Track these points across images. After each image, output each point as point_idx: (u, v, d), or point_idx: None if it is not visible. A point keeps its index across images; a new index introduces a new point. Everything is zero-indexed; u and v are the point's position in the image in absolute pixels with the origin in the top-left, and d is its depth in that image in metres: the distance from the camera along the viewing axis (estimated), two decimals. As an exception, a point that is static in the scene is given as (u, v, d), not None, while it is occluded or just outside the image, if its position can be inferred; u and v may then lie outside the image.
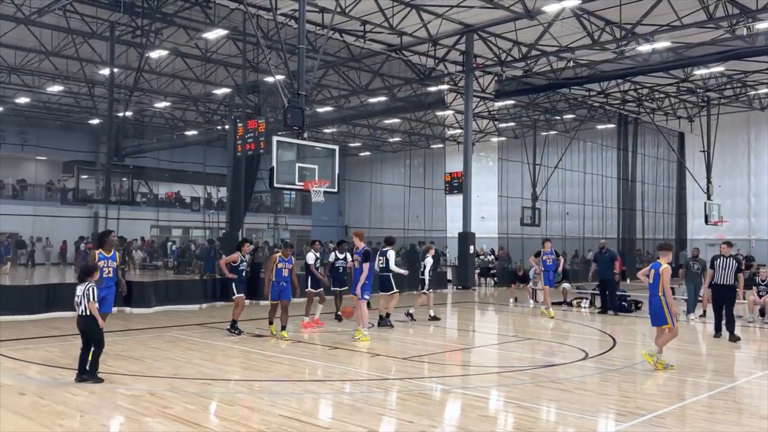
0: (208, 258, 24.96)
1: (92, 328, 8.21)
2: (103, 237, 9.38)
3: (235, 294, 12.30)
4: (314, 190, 13.64)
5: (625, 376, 9.27)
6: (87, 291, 8.16)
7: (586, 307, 18.22)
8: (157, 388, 8.02)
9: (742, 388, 8.76)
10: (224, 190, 30.31)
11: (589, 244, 35.54)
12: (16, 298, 14.45)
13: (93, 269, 8.50)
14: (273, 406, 7.23)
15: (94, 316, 8.17)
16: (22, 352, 10.27)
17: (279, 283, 11.79)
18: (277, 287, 11.81)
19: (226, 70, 27.56)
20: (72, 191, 27.20)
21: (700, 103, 33.07)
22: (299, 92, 13.71)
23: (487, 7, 20.24)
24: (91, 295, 8.16)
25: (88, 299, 8.14)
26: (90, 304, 8.14)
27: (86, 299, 8.14)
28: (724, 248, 12.72)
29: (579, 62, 24.88)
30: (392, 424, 6.76)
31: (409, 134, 40.86)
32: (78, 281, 8.40)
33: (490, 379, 9.11)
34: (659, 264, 9.65)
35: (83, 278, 8.32)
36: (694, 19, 20.09)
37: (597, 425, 6.90)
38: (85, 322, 8.22)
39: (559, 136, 35.62)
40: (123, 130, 23.92)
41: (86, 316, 8.18)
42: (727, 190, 34.33)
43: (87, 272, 8.40)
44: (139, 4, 19.74)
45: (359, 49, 24.92)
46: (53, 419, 6.59)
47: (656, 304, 9.55)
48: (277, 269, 11.77)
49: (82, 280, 8.31)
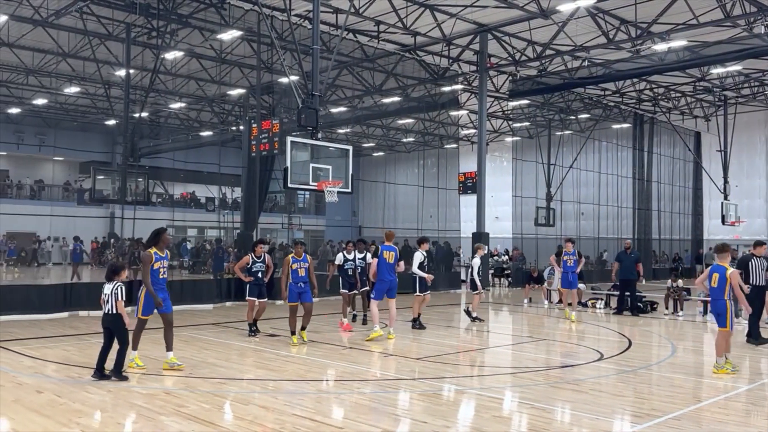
0: (217, 257, 25.15)
1: (118, 327, 8.29)
2: (158, 235, 8.94)
3: (247, 296, 12.24)
4: (328, 190, 13.65)
5: (640, 378, 9.21)
6: (116, 290, 8.24)
7: (601, 308, 18.09)
8: (172, 387, 8.08)
9: (759, 390, 8.66)
10: (239, 191, 30.45)
11: (603, 244, 35.33)
12: (33, 297, 14.62)
13: (121, 268, 8.54)
14: (287, 406, 7.25)
15: (120, 314, 8.22)
16: (40, 351, 10.38)
17: (297, 284, 11.27)
18: (295, 289, 11.28)
19: (241, 70, 27.69)
20: (88, 191, 27.42)
21: (717, 103, 32.74)
22: (313, 93, 13.73)
23: (502, 6, 20.17)
24: (119, 294, 8.22)
25: (117, 298, 8.20)
26: (118, 303, 8.20)
27: (114, 298, 8.21)
28: (760, 249, 12.36)
29: (594, 61, 24.73)
30: (406, 425, 6.76)
31: (423, 134, 40.82)
32: (106, 280, 8.43)
33: (504, 380, 9.08)
34: (723, 267, 9.34)
35: (111, 277, 8.36)
36: (711, 17, 19.91)
37: (612, 427, 6.85)
38: (112, 321, 8.29)
39: (574, 135, 35.41)
40: (139, 130, 24.07)
41: (113, 314, 8.24)
42: (744, 190, 33.98)
43: (115, 271, 8.44)
44: (155, 6, 19.88)
45: (373, 49, 24.94)
46: (70, 417, 6.65)
47: (722, 307, 9.31)
48: (293, 270, 11.29)
49: (110, 279, 8.35)
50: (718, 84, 29.59)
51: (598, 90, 30.37)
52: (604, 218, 34.70)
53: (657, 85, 29.88)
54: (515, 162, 33.65)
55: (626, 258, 16.97)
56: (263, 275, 12.48)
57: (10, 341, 11.11)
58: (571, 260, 15.78)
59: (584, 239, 34.60)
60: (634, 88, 30.15)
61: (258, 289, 12.29)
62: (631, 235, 33.53)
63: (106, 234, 36.40)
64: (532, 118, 36.29)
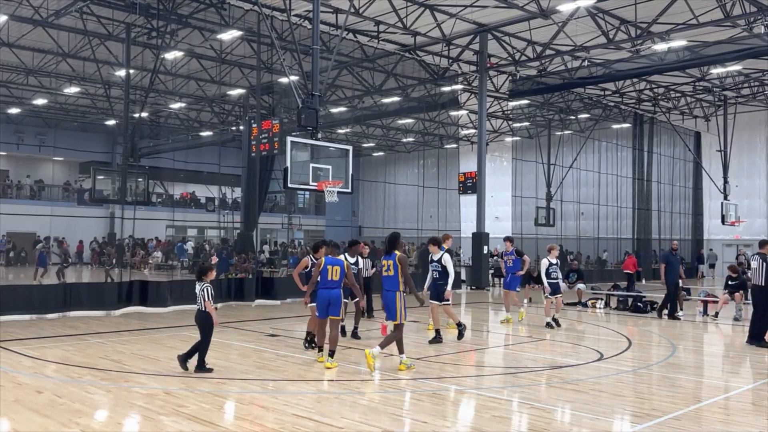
0: (221, 258, 25.12)
1: (203, 325, 8.77)
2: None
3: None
4: (328, 190, 13.65)
5: (640, 378, 9.21)
6: (203, 290, 8.69)
7: (601, 308, 18.10)
8: (172, 387, 8.08)
9: (759, 390, 8.66)
10: (239, 191, 30.47)
11: (603, 244, 35.36)
12: (33, 298, 14.63)
13: (209, 269, 8.97)
14: (287, 406, 7.25)
15: (209, 312, 8.69)
16: (40, 351, 10.38)
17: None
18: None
19: (241, 71, 27.70)
20: (88, 191, 27.43)
21: (717, 103, 32.75)
22: (313, 93, 13.74)
23: (501, 6, 20.18)
24: (207, 294, 8.67)
25: (204, 298, 8.67)
26: (206, 303, 8.67)
27: (202, 299, 8.70)
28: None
29: (594, 61, 24.75)
30: (406, 425, 6.76)
31: (423, 134, 40.83)
32: (196, 279, 8.93)
33: (504, 380, 9.07)
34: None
35: (200, 277, 8.86)
36: (711, 17, 19.92)
37: (612, 427, 6.85)
38: (200, 318, 8.81)
39: (574, 135, 35.44)
40: (139, 131, 24.04)
41: (202, 311, 8.77)
42: (745, 189, 33.99)
43: (203, 272, 8.92)
44: (155, 6, 19.89)
45: (373, 49, 24.95)
46: (70, 417, 6.65)
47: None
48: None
49: (199, 279, 8.85)
50: (718, 84, 29.59)
51: (598, 90, 30.38)
52: (604, 218, 34.74)
53: (657, 85, 29.88)
54: (515, 162, 33.68)
55: (674, 259, 16.08)
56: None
57: (10, 341, 11.11)
58: (510, 260, 14.89)
59: (584, 239, 34.66)
60: (634, 88, 30.15)
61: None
62: (631, 235, 33.56)
63: (106, 234, 36.42)
64: (532, 118, 36.31)
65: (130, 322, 14.06)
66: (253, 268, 21.70)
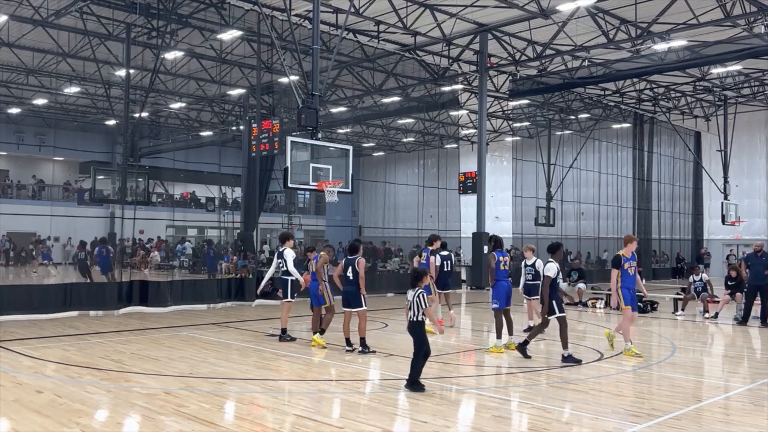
0: (208, 257, 25.25)
1: (416, 334, 7.96)
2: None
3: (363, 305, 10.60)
4: (328, 190, 13.64)
5: (640, 378, 9.21)
6: (417, 297, 7.93)
7: (601, 308, 18.09)
8: (173, 386, 8.08)
9: (759, 390, 8.66)
10: (239, 190, 30.47)
11: (603, 244, 35.34)
12: (34, 297, 14.63)
13: (423, 274, 8.21)
14: (287, 406, 7.25)
15: (420, 322, 7.92)
16: (40, 351, 10.38)
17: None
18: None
19: (241, 71, 27.70)
20: (89, 191, 27.42)
21: (717, 102, 32.73)
22: (313, 93, 13.73)
23: (502, 6, 20.17)
24: (422, 302, 7.90)
25: (419, 306, 7.90)
26: (426, 310, 7.94)
27: (416, 306, 7.91)
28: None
29: (594, 61, 24.74)
30: (406, 424, 6.76)
31: (423, 134, 40.83)
32: (410, 286, 8.12)
33: (504, 380, 9.08)
34: None
35: (414, 283, 8.06)
36: (711, 17, 19.91)
37: (612, 426, 6.84)
38: (411, 328, 7.99)
39: (574, 135, 35.43)
40: (139, 130, 24.08)
41: (414, 321, 7.95)
42: (745, 189, 33.97)
43: (417, 277, 8.14)
44: (155, 6, 19.89)
45: (373, 49, 24.95)
46: (70, 417, 6.65)
47: None
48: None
49: (414, 285, 8.05)
50: (718, 84, 29.58)
51: (598, 90, 30.38)
52: (604, 218, 34.71)
53: (657, 84, 29.87)
54: (515, 162, 33.67)
55: (757, 261, 14.80)
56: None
57: (10, 341, 11.11)
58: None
59: (584, 239, 34.65)
60: (634, 87, 30.14)
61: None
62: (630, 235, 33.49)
63: (106, 234, 36.41)
64: (532, 118, 36.30)
65: (131, 322, 14.07)
66: (253, 268, 21.69)
